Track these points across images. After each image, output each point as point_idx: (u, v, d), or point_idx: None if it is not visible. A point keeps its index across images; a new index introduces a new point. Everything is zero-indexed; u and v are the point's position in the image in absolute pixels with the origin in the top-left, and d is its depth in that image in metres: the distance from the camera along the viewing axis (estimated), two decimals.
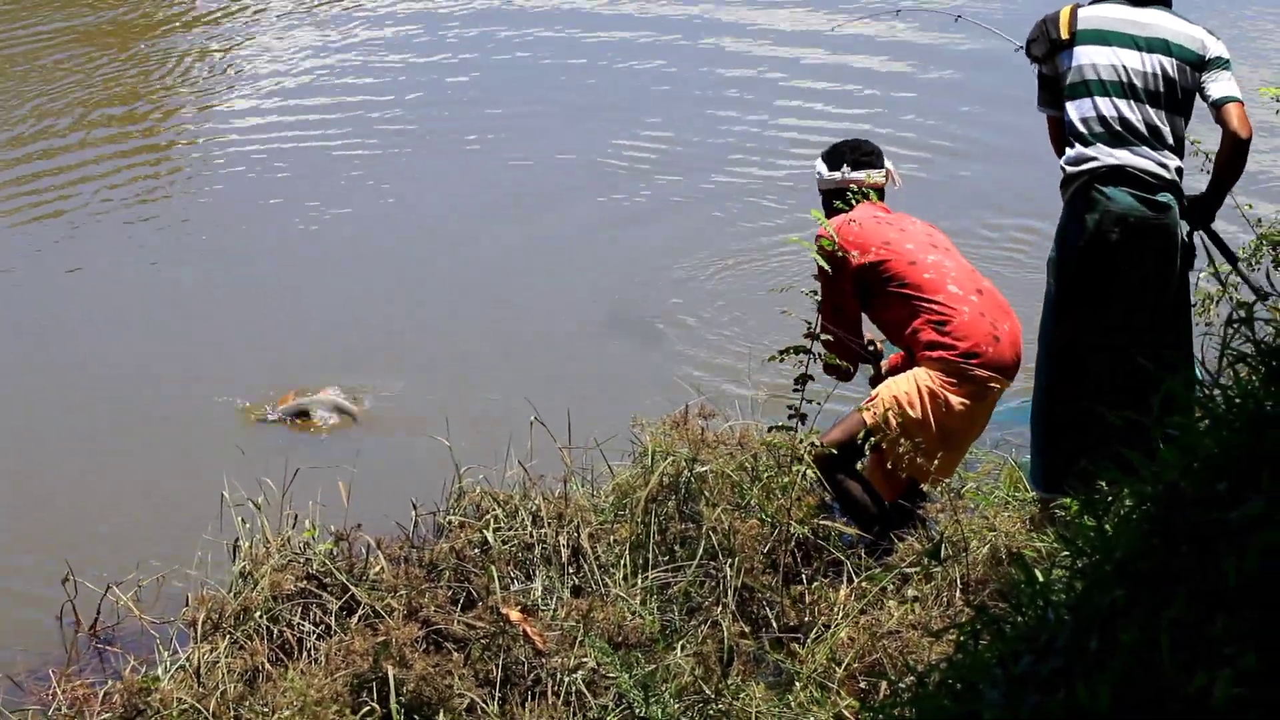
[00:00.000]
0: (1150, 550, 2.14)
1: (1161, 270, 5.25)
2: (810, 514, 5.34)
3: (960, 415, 5.45)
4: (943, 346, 5.42)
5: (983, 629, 2.28)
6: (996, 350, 5.45)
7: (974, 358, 5.42)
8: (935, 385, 5.41)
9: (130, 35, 12.43)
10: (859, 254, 5.50)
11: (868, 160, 5.77)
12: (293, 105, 11.11)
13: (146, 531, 6.24)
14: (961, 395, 5.43)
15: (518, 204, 9.46)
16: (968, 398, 5.44)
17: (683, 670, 4.64)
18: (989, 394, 5.50)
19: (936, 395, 5.41)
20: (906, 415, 5.36)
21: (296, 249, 8.93)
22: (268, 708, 4.49)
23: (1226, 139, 5.16)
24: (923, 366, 5.46)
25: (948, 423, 5.43)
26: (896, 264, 5.52)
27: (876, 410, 5.39)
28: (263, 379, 7.39)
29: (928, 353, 5.45)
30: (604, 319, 8.11)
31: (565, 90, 11.40)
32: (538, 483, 5.47)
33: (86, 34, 12.34)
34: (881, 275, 5.52)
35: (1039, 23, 5.37)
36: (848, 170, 5.76)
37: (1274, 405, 2.21)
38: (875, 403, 5.43)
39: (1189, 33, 5.23)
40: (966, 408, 5.45)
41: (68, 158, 10.10)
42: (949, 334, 5.43)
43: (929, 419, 5.40)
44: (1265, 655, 1.90)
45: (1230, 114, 5.14)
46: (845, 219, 5.59)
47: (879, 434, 5.33)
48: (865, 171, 5.76)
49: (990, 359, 5.44)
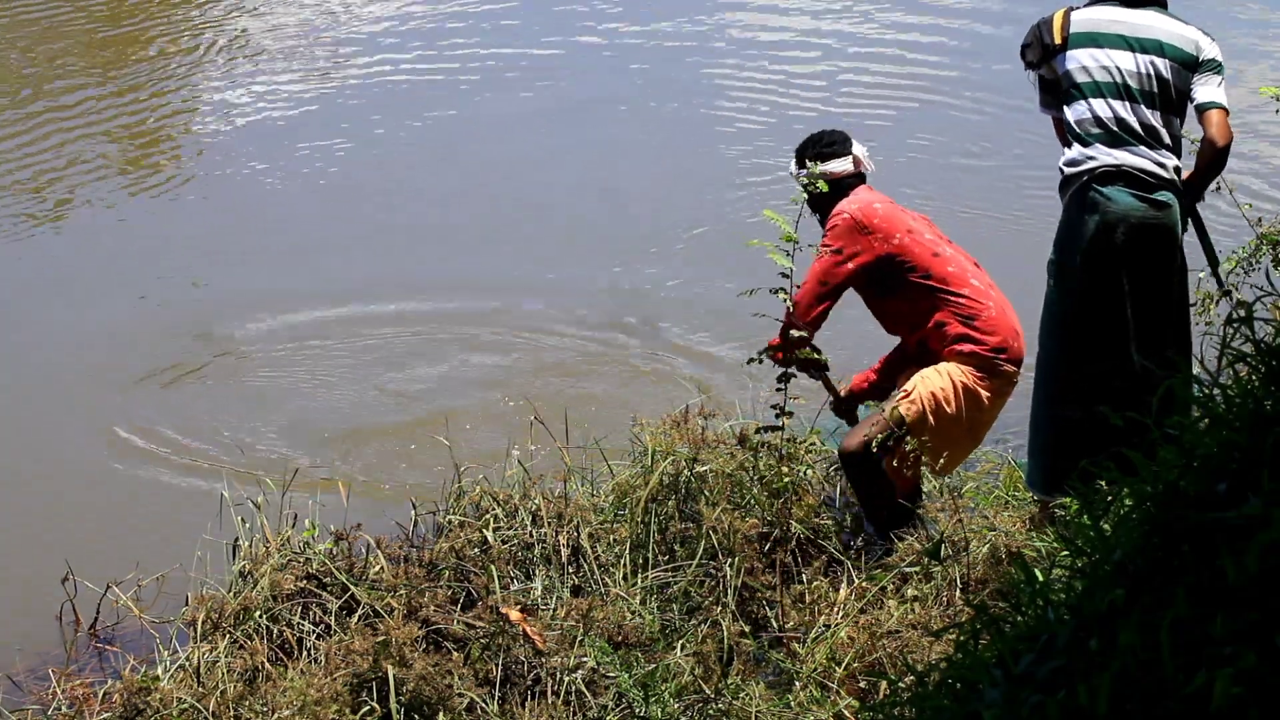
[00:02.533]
0: (1150, 550, 2.14)
1: (1162, 269, 5.25)
2: (810, 513, 5.34)
3: (988, 410, 5.52)
4: (972, 340, 5.45)
5: (983, 629, 2.28)
6: (1018, 345, 5.53)
7: (1003, 352, 5.47)
8: (969, 381, 5.45)
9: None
10: (885, 239, 5.49)
11: (830, 150, 5.68)
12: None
13: (146, 531, 6.24)
14: (990, 390, 5.48)
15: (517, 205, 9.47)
16: (995, 393, 5.50)
17: (682, 670, 4.64)
18: (1010, 389, 5.57)
19: (970, 390, 5.45)
20: (942, 410, 5.39)
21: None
22: (267, 707, 4.49)
23: (1206, 144, 5.19)
24: (953, 361, 5.47)
25: (977, 416, 5.49)
26: (921, 255, 5.50)
27: (916, 406, 5.39)
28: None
29: (957, 346, 5.46)
30: (604, 318, 8.11)
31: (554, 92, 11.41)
32: (538, 482, 5.47)
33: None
34: (904, 264, 5.49)
35: (1032, 28, 5.37)
36: (814, 166, 5.62)
37: (1273, 405, 2.21)
38: (911, 397, 5.43)
39: (1183, 33, 5.24)
40: (992, 402, 5.51)
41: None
42: (977, 328, 5.45)
43: (961, 414, 5.44)
44: (1265, 655, 1.90)
45: (1212, 120, 5.16)
46: (863, 201, 5.54)
47: (914, 430, 5.33)
48: (829, 163, 5.64)
49: (1015, 354, 5.52)
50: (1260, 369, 2.30)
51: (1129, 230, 5.17)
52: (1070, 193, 5.25)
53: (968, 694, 2.18)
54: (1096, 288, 5.24)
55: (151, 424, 7.10)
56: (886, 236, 5.48)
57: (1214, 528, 2.06)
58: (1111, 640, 2.03)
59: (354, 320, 8.13)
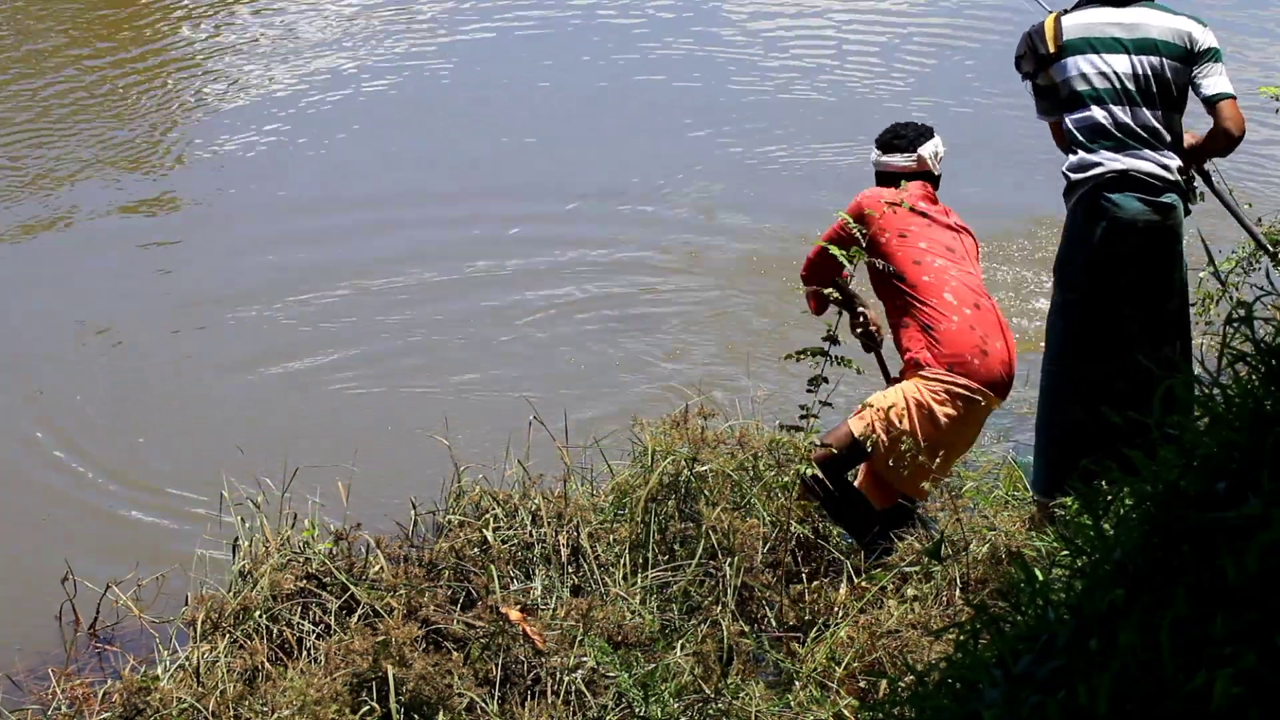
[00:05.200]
0: (1150, 550, 2.14)
1: (1167, 272, 5.25)
2: (810, 513, 5.34)
3: (947, 429, 5.46)
4: (926, 348, 5.45)
5: (982, 628, 2.28)
6: (984, 364, 5.47)
7: (958, 369, 5.44)
8: (923, 398, 5.43)
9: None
10: (873, 228, 5.54)
11: (897, 144, 5.79)
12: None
13: (146, 531, 6.24)
14: (948, 408, 5.44)
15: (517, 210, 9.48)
16: (955, 410, 5.45)
17: (682, 669, 4.64)
18: (976, 409, 5.50)
19: (924, 407, 5.43)
20: (894, 426, 5.37)
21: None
22: (267, 707, 4.49)
23: (1221, 136, 5.17)
24: (914, 380, 5.48)
25: (935, 435, 5.43)
26: (901, 258, 5.54)
27: (865, 420, 5.40)
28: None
29: (913, 352, 5.49)
30: (603, 318, 8.11)
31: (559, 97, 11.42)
32: (537, 482, 5.47)
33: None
34: (886, 259, 5.56)
35: (1024, 37, 5.34)
36: (877, 153, 5.84)
37: (1273, 405, 2.21)
38: (864, 413, 5.44)
39: (1176, 27, 5.21)
40: (953, 420, 5.46)
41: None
42: (934, 338, 5.46)
43: (916, 431, 5.41)
44: (1265, 655, 1.90)
45: (1224, 112, 5.15)
46: (878, 193, 5.64)
47: (867, 443, 5.35)
48: (892, 155, 5.78)
49: (976, 372, 5.46)
50: (1260, 369, 2.30)
51: (1135, 235, 5.16)
52: (1076, 198, 5.24)
53: (968, 694, 2.18)
54: (1100, 291, 5.24)
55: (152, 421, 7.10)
56: (879, 231, 5.55)
57: (1214, 528, 2.06)
58: (1111, 640, 2.03)
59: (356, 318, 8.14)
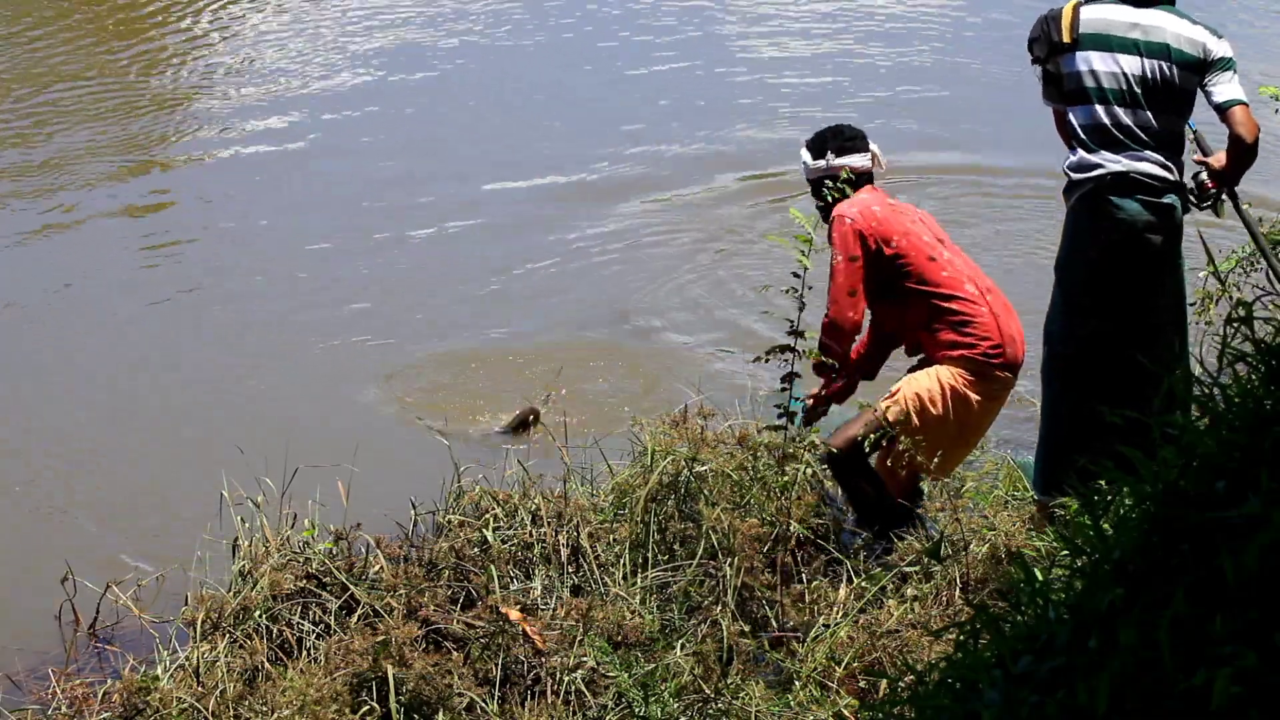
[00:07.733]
0: (1150, 550, 2.14)
1: (1166, 272, 5.25)
2: (810, 513, 5.33)
3: (977, 413, 5.52)
4: (964, 346, 5.45)
5: (982, 628, 2.28)
6: (1014, 350, 5.52)
7: (996, 357, 5.46)
8: (957, 383, 5.45)
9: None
10: (883, 243, 5.48)
11: (851, 145, 5.71)
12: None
13: (146, 531, 6.24)
14: (980, 393, 5.48)
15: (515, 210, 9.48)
16: (985, 396, 5.50)
17: (682, 669, 4.64)
18: (1004, 393, 5.57)
19: (958, 392, 5.45)
20: (927, 412, 5.39)
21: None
22: (267, 707, 4.48)
23: (1234, 143, 5.16)
24: (944, 365, 5.48)
25: (966, 419, 5.49)
26: (916, 259, 5.51)
27: (899, 406, 5.40)
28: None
29: (949, 351, 5.47)
30: (603, 318, 8.11)
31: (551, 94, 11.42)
32: (537, 482, 5.47)
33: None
34: (901, 269, 5.51)
35: (1040, 20, 5.32)
36: (832, 157, 5.70)
37: (1273, 404, 2.21)
38: (896, 398, 5.44)
39: (1190, 35, 5.20)
40: (983, 405, 5.51)
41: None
42: (970, 334, 5.47)
43: (949, 415, 5.44)
44: (1265, 654, 1.90)
45: (1236, 118, 5.13)
46: (863, 204, 5.56)
47: (899, 429, 5.33)
48: (850, 157, 5.71)
49: (1009, 358, 5.51)
50: (1260, 369, 2.30)
51: (1136, 235, 5.16)
52: (1077, 198, 5.22)
53: (967, 693, 2.18)
54: (1101, 291, 5.23)
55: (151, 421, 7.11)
56: (885, 240, 5.49)
57: (1213, 527, 2.06)
58: (1111, 640, 2.03)
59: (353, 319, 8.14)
